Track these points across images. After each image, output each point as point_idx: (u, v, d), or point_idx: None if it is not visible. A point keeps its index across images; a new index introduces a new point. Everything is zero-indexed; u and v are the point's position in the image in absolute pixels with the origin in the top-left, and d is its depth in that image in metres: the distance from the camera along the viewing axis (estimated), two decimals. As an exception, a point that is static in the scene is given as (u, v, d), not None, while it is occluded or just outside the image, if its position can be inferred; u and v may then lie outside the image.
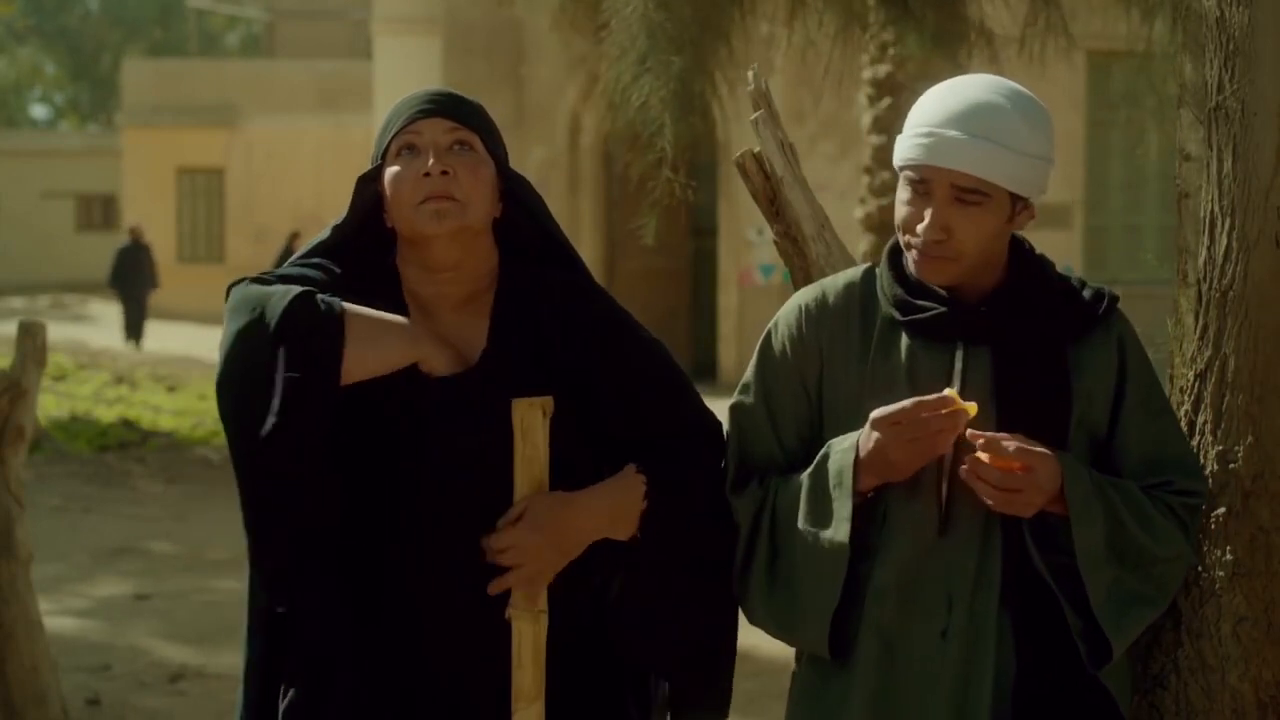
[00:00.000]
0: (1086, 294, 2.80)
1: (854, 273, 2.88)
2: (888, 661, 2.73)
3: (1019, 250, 2.79)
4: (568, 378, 2.81)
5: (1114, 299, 2.81)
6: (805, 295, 2.87)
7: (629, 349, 2.87)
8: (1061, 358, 2.73)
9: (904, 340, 2.76)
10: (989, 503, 2.65)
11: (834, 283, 2.87)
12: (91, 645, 7.52)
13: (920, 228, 2.71)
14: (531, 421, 2.74)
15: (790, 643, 2.85)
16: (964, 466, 2.65)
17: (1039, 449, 2.65)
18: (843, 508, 2.72)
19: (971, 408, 2.65)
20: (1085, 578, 2.68)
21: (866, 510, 2.74)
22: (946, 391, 2.66)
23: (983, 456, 2.64)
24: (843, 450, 2.73)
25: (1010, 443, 2.64)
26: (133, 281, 23.63)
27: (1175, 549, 2.76)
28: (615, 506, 2.79)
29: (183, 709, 6.63)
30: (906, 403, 2.66)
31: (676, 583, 2.83)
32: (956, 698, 2.70)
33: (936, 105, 2.72)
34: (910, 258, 2.76)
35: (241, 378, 2.73)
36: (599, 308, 2.89)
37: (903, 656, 2.72)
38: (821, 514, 2.74)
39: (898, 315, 2.76)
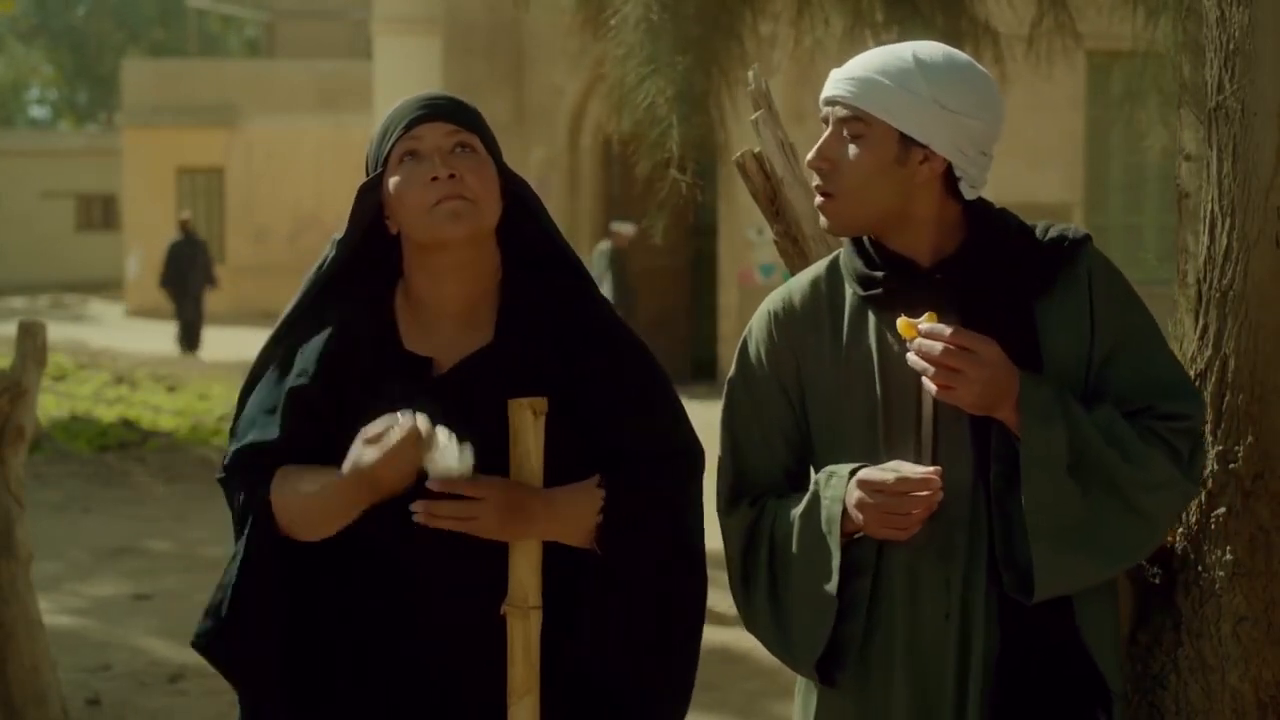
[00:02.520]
0: (1047, 242, 2.74)
1: (818, 266, 2.86)
2: (902, 648, 2.72)
3: (978, 213, 2.75)
4: (561, 382, 2.81)
5: (1077, 241, 2.74)
6: (773, 301, 2.86)
7: (615, 360, 2.85)
8: (1028, 316, 2.70)
9: (872, 320, 2.75)
10: (934, 390, 2.62)
11: (799, 282, 2.86)
12: (91, 645, 7.53)
13: (807, 158, 2.73)
14: (522, 421, 2.74)
15: (793, 669, 2.84)
16: (910, 353, 2.63)
17: (984, 337, 2.62)
18: (834, 558, 2.72)
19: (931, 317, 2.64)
20: (1024, 481, 2.61)
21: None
22: (917, 362, 2.64)
23: (923, 341, 2.61)
24: (831, 499, 2.72)
25: (948, 326, 2.62)
26: (187, 280, 21.60)
27: (1159, 474, 2.66)
28: (567, 512, 2.77)
29: (183, 709, 6.63)
30: (890, 475, 2.64)
31: (630, 604, 2.79)
32: (959, 677, 2.69)
33: None
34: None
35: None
36: (595, 315, 2.88)
37: (913, 642, 2.72)
38: (813, 559, 2.74)
39: (860, 290, 2.75)
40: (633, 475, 2.80)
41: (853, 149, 2.70)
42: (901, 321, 2.65)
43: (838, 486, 2.71)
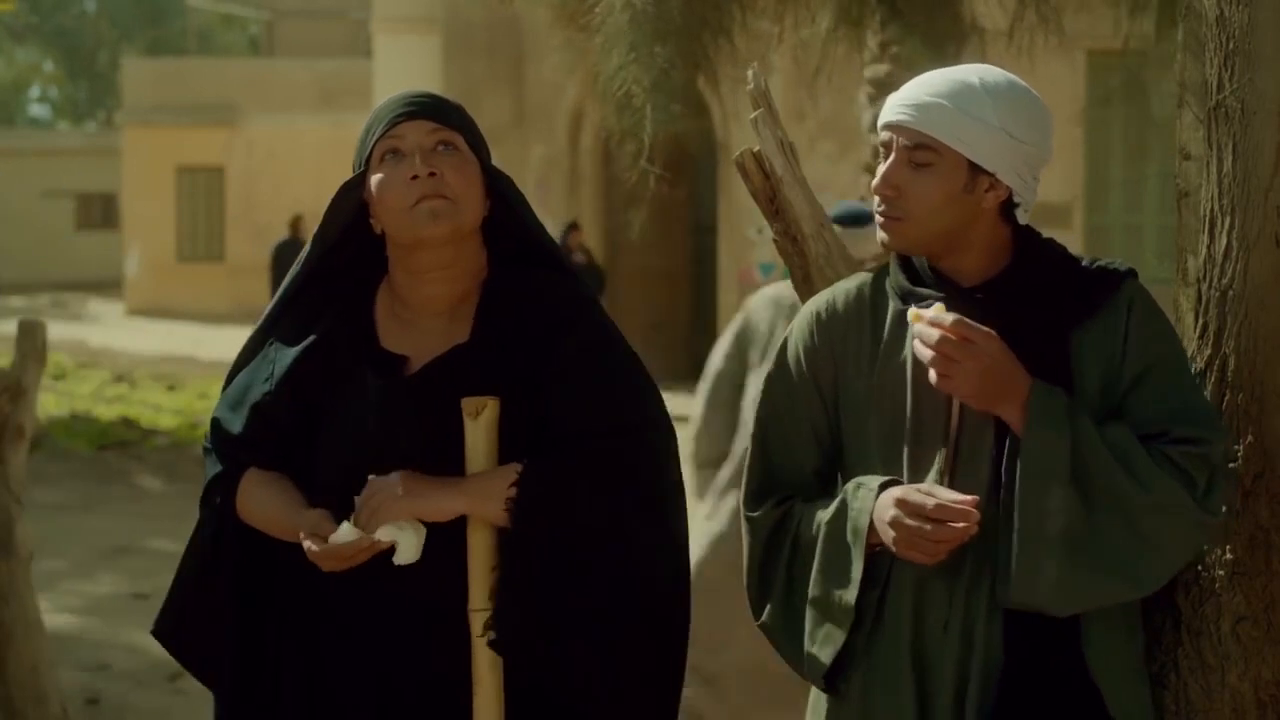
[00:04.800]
0: (1091, 273, 2.74)
1: (867, 273, 2.88)
2: (907, 660, 2.72)
3: (1026, 238, 2.76)
4: (532, 379, 2.78)
5: (1121, 276, 2.74)
6: (817, 302, 2.86)
7: (581, 350, 2.81)
8: (1062, 346, 2.70)
9: (910, 334, 2.74)
10: (933, 376, 2.62)
11: (846, 286, 2.87)
12: (91, 644, 7.53)
13: (873, 184, 2.72)
14: (470, 420, 2.73)
15: (799, 674, 2.83)
16: (915, 340, 2.63)
17: (985, 329, 2.62)
18: (855, 568, 2.71)
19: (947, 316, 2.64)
20: (1018, 482, 2.60)
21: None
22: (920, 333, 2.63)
23: (920, 326, 2.62)
24: (858, 510, 2.71)
25: (951, 315, 2.62)
26: None
27: (1166, 498, 2.63)
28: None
29: (182, 708, 6.63)
30: (930, 501, 2.62)
31: (549, 582, 2.71)
32: (957, 692, 2.68)
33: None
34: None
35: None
36: (573, 312, 2.85)
37: (916, 653, 2.71)
38: (834, 568, 2.73)
39: (901, 305, 2.76)
40: (564, 452, 2.74)
41: (921, 176, 2.68)
42: (911, 311, 2.66)
43: (866, 498, 2.70)
